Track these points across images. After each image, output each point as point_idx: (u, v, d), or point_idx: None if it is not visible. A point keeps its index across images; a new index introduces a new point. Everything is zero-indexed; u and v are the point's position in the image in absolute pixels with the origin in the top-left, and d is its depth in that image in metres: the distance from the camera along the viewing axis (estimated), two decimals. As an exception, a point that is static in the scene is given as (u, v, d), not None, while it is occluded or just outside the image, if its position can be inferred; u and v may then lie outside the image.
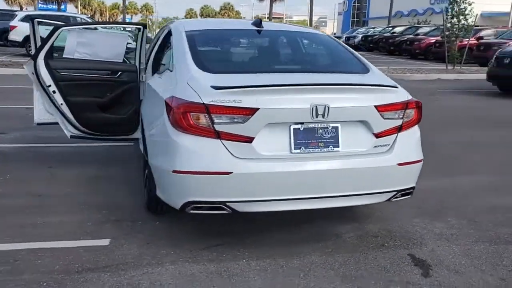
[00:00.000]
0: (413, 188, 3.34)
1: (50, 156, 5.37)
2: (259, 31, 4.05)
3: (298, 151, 3.01)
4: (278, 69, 3.67)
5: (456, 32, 17.89)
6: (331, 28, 78.41)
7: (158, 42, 4.64)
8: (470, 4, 17.84)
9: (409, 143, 3.28)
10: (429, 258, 3.22)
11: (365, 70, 3.57)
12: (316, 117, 2.96)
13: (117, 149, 5.65)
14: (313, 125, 3.02)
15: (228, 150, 2.92)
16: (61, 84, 4.43)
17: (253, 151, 2.95)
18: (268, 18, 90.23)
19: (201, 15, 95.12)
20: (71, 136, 4.67)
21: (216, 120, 2.89)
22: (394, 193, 3.22)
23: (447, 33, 18.02)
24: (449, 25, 18.05)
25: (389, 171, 3.16)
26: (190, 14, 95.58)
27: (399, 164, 3.17)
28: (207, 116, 2.89)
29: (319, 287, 2.83)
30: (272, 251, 3.24)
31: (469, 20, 17.99)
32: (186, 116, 2.91)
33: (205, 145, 2.93)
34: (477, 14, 18.70)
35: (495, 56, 12.31)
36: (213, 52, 3.85)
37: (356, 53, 3.92)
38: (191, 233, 3.49)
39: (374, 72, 3.58)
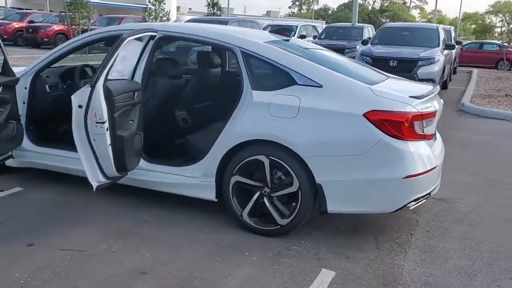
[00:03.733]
0: None
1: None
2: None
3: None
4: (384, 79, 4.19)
5: (78, 20, 19.36)
6: None
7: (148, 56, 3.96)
8: None
9: None
10: (471, 218, 4.33)
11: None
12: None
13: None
14: None
15: (430, 148, 3.61)
16: (116, 117, 3.33)
17: (432, 145, 3.72)
18: None
19: None
20: (97, 188, 3.51)
21: (424, 125, 3.51)
22: None
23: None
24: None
25: None
26: None
27: None
28: (421, 122, 3.47)
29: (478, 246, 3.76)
30: (405, 237, 3.86)
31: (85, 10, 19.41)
32: (412, 125, 3.39)
33: (422, 147, 3.51)
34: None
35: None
36: (323, 62, 3.96)
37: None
38: (343, 240, 3.73)
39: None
